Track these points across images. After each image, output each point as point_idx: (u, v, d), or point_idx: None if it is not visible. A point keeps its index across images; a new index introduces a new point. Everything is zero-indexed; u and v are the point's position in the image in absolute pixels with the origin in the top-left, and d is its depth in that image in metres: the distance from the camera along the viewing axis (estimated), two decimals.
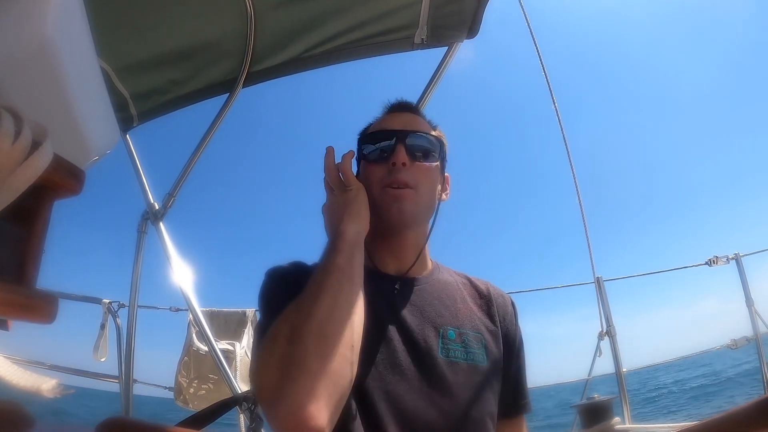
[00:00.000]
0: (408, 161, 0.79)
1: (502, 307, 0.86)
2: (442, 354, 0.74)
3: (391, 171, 0.79)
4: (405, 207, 0.78)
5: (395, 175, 0.79)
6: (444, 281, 0.86)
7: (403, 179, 0.79)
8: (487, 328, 0.82)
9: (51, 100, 0.54)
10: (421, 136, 0.83)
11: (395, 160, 0.79)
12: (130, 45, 1.62)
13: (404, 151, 0.80)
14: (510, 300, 0.90)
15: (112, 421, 0.43)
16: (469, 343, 0.77)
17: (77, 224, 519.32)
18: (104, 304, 2.49)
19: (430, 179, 0.82)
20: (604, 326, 2.53)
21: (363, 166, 0.85)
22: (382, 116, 0.91)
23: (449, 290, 0.84)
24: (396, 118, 0.87)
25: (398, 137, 0.81)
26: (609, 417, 1.91)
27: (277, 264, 0.80)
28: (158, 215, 1.89)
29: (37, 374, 0.39)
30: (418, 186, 0.80)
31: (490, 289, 0.89)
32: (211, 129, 1.90)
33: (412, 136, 0.82)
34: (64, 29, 0.54)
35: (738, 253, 2.51)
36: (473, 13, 1.49)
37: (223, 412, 1.04)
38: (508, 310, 0.87)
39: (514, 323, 0.86)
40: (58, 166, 0.42)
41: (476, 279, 0.91)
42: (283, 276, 0.77)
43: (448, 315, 0.79)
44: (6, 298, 0.37)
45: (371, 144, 0.84)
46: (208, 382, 2.43)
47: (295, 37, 1.67)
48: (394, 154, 0.79)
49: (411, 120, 0.86)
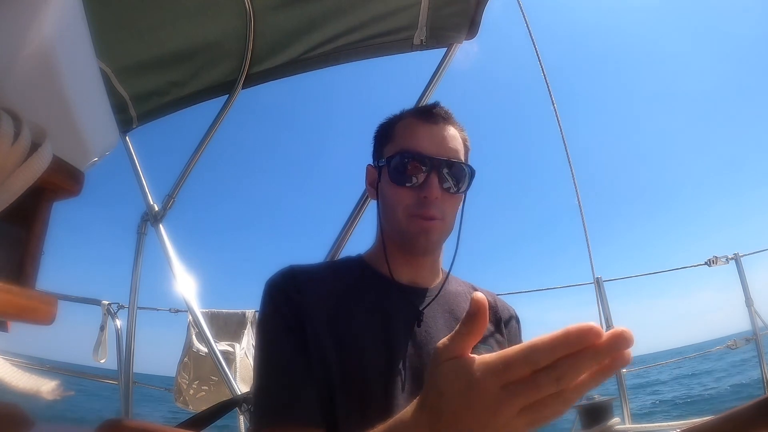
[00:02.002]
0: (440, 194, 0.75)
1: (508, 321, 0.86)
2: None
3: (422, 202, 0.75)
4: (432, 238, 0.76)
5: (426, 208, 0.75)
6: (455, 292, 0.85)
7: (433, 213, 0.75)
8: (496, 341, 0.81)
9: (50, 102, 0.54)
10: (458, 166, 0.77)
11: (427, 194, 0.74)
12: (129, 46, 1.62)
13: (437, 184, 0.75)
14: (514, 313, 0.89)
15: (111, 422, 0.42)
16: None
17: (77, 225, 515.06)
18: (104, 305, 2.49)
19: (456, 207, 0.80)
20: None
21: (387, 183, 0.79)
22: (411, 120, 0.82)
23: (459, 301, 0.83)
24: (428, 132, 0.79)
25: (433, 166, 0.75)
26: (609, 417, 1.91)
27: (275, 274, 0.77)
28: (158, 217, 1.89)
29: (37, 376, 0.39)
30: (446, 216, 0.77)
31: (496, 302, 0.87)
32: (210, 130, 1.90)
33: (447, 166, 0.76)
34: (63, 31, 0.54)
35: (737, 253, 2.51)
36: (472, 14, 1.50)
37: (223, 413, 1.04)
38: (512, 324, 0.86)
39: (518, 336, 0.85)
40: (57, 167, 0.42)
41: (483, 291, 0.89)
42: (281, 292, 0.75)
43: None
44: (5, 299, 0.37)
45: (400, 166, 0.76)
46: (207, 383, 2.43)
47: (294, 38, 1.67)
48: (427, 187, 0.74)
49: (446, 138, 0.79)
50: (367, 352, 0.70)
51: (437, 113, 0.81)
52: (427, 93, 1.63)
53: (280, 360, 0.69)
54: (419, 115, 0.81)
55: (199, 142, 1.92)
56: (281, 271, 0.78)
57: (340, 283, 0.78)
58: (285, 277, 0.76)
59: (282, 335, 0.70)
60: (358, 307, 0.74)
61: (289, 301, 0.72)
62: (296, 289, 0.74)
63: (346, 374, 0.68)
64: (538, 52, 2.87)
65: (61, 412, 0.76)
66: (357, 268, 0.82)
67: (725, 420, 0.48)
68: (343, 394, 0.67)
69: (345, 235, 1.58)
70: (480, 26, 1.53)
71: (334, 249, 1.58)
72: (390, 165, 0.77)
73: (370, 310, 0.74)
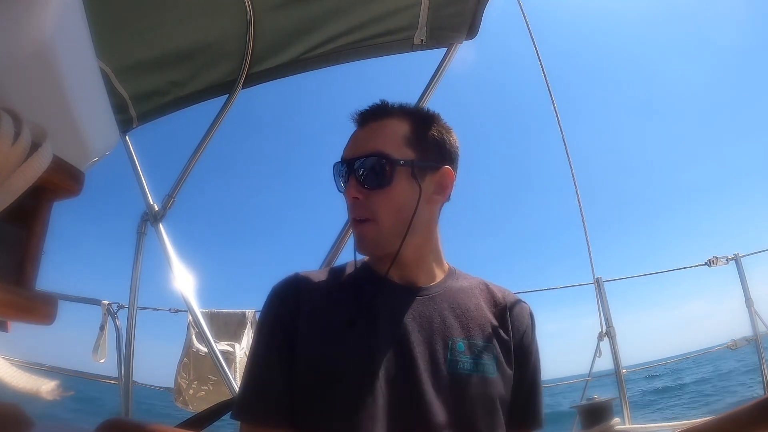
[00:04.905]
0: (361, 194, 0.76)
1: (518, 317, 0.82)
2: (450, 367, 0.72)
3: (350, 206, 0.78)
4: (366, 239, 0.77)
5: (353, 210, 0.78)
6: (458, 288, 0.82)
7: (359, 214, 0.76)
8: (499, 339, 0.78)
9: (50, 102, 0.54)
10: (368, 161, 0.76)
11: (347, 195, 0.77)
12: (129, 46, 1.62)
13: (355, 184, 0.76)
14: (528, 311, 0.85)
15: (111, 423, 0.42)
16: (479, 355, 0.74)
17: (77, 225, 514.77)
18: (104, 305, 2.49)
19: (389, 205, 0.75)
20: (603, 327, 2.53)
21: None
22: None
23: (462, 298, 0.81)
24: (353, 137, 0.82)
25: (348, 169, 0.77)
26: (609, 417, 1.91)
27: (279, 282, 0.80)
28: (158, 217, 1.89)
29: (37, 376, 0.38)
30: (377, 216, 0.75)
31: (507, 297, 0.84)
32: (210, 130, 1.90)
33: (358, 163, 0.76)
34: (63, 30, 0.54)
35: (738, 253, 2.51)
36: (472, 14, 1.49)
37: (223, 413, 1.03)
38: (524, 321, 0.82)
39: (529, 335, 0.82)
40: (57, 167, 0.42)
41: (494, 286, 0.86)
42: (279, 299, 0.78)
43: (459, 326, 0.76)
44: (5, 299, 0.37)
45: (334, 176, 0.81)
46: (207, 383, 2.43)
47: (294, 38, 1.67)
48: (346, 189, 0.77)
49: (367, 137, 0.79)
50: (349, 354, 0.71)
51: (365, 113, 0.81)
52: (427, 93, 1.63)
53: (260, 363, 0.74)
54: (354, 122, 0.83)
55: (199, 142, 1.92)
56: (285, 278, 0.81)
57: (335, 287, 0.80)
58: (286, 285, 0.79)
59: (270, 340, 0.74)
60: (345, 309, 0.75)
61: (285, 309, 0.76)
62: (295, 296, 0.77)
63: (327, 375, 0.69)
64: (538, 52, 2.88)
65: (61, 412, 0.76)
66: (357, 271, 0.83)
67: (725, 420, 0.48)
68: (326, 394, 0.69)
69: (344, 236, 1.58)
70: (480, 26, 1.53)
71: (333, 249, 1.59)
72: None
73: (355, 312, 0.75)
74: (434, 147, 0.80)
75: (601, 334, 2.53)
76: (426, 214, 0.80)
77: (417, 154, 0.78)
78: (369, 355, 0.70)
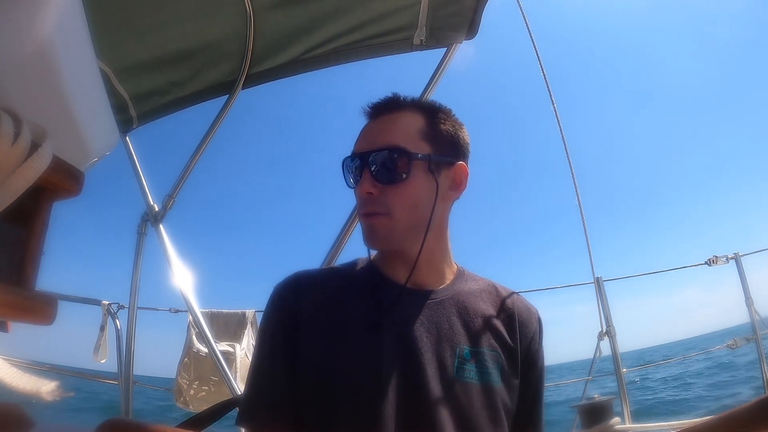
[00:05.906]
0: (375, 189, 0.73)
1: (526, 324, 0.81)
2: (457, 375, 0.71)
3: (362, 201, 0.75)
4: (378, 233, 0.74)
5: (365, 205, 0.75)
6: (467, 292, 0.80)
7: (372, 209, 0.74)
8: (506, 346, 0.77)
9: (50, 102, 0.54)
10: (383, 155, 0.73)
11: (360, 191, 0.74)
12: (129, 46, 1.62)
13: (370, 179, 0.73)
14: (536, 316, 0.83)
15: (111, 423, 0.42)
16: (484, 363, 0.73)
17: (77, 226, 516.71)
18: (104, 305, 2.49)
19: (405, 201, 0.73)
20: (603, 326, 2.53)
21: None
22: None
23: (469, 302, 0.79)
24: (366, 130, 0.79)
25: (361, 162, 0.75)
26: (609, 417, 1.92)
27: (281, 281, 0.79)
28: (158, 217, 1.89)
29: (37, 376, 0.39)
30: (392, 211, 0.73)
31: (515, 302, 0.82)
32: (210, 130, 1.90)
33: (372, 157, 0.74)
34: (63, 30, 0.54)
35: (738, 252, 2.51)
36: (472, 14, 1.49)
37: (224, 413, 1.03)
38: (531, 328, 0.81)
39: (536, 342, 0.81)
40: (57, 167, 0.41)
41: (503, 288, 0.85)
42: (281, 299, 0.77)
43: (466, 333, 0.75)
44: (5, 299, 0.37)
45: (344, 171, 0.78)
46: (208, 383, 2.43)
47: (294, 38, 1.67)
48: (359, 184, 0.74)
49: (380, 130, 0.77)
50: (354, 355, 0.70)
51: (378, 105, 0.79)
52: (427, 93, 1.63)
53: (264, 367, 0.74)
54: (365, 114, 0.81)
55: (199, 143, 1.92)
56: (286, 278, 0.80)
57: (339, 287, 0.78)
58: (287, 285, 0.79)
59: (272, 342, 0.74)
60: (351, 311, 0.74)
61: (286, 309, 0.75)
62: (296, 296, 0.76)
63: (332, 378, 0.69)
64: (537, 51, 2.88)
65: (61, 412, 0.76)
66: (362, 271, 0.82)
67: (725, 420, 0.48)
68: (331, 398, 0.68)
69: (344, 236, 1.58)
70: (480, 26, 1.53)
71: (333, 249, 1.58)
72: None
73: (362, 314, 0.74)
74: (448, 142, 0.78)
75: (601, 334, 2.54)
76: (440, 212, 0.77)
77: (433, 149, 0.76)
78: (377, 360, 0.69)
